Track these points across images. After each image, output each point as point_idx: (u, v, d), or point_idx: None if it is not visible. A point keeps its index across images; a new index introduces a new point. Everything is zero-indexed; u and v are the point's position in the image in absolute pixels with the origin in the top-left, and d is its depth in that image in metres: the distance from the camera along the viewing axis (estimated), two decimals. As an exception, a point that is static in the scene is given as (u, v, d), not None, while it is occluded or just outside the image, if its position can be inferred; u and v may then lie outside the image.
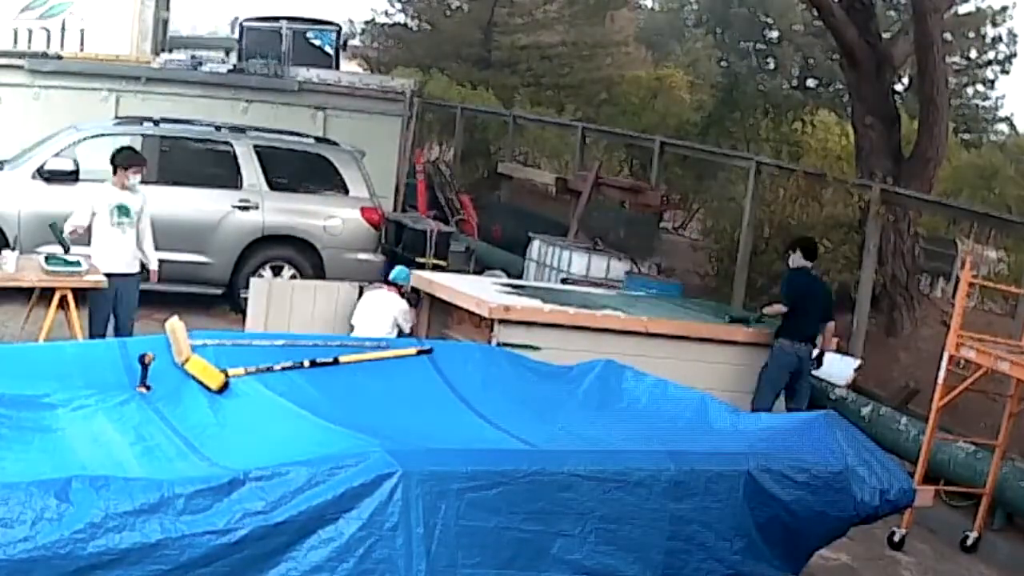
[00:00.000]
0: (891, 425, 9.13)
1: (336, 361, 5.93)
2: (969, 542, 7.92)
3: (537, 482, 4.82)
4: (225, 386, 5.46)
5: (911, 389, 10.13)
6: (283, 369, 5.70)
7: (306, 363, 5.78)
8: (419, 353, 6.24)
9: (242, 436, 5.14)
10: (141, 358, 5.51)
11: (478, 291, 8.90)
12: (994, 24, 29.93)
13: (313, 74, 14.35)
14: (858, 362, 10.35)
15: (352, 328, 9.41)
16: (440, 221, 14.04)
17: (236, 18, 20.48)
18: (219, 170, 11.53)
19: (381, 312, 9.43)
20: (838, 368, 9.96)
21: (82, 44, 15.99)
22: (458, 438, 5.37)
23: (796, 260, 9.28)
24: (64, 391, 5.30)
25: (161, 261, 9.25)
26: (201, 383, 5.49)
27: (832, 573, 6.90)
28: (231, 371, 5.56)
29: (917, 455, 8.07)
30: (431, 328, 9.32)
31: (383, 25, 29.81)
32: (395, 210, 13.97)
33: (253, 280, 10.02)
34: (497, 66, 26.44)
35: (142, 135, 11.34)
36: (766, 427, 5.99)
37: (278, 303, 9.60)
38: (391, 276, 9.82)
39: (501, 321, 8.38)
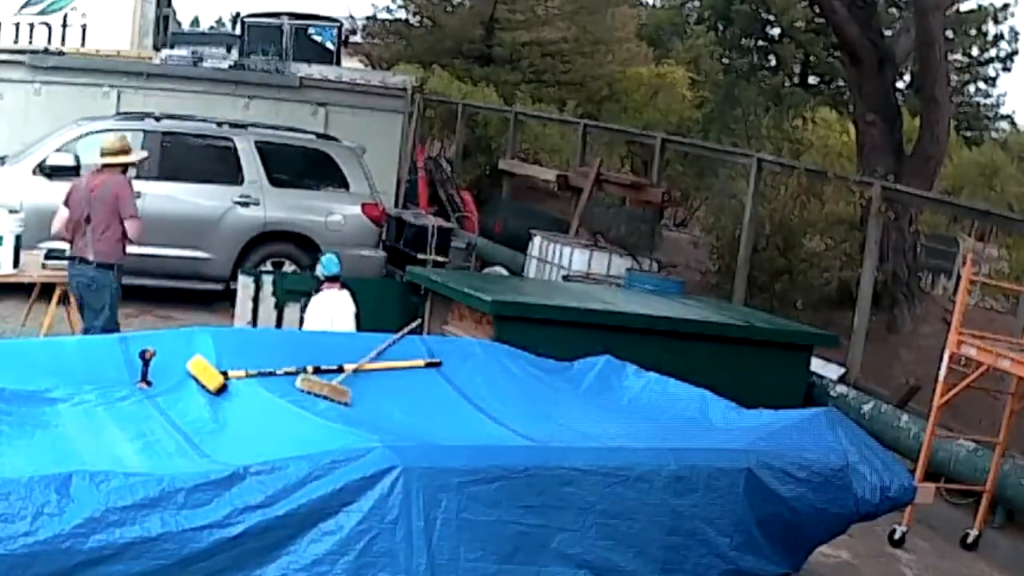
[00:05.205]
0: (892, 422, 9.12)
1: (341, 369, 5.92)
2: (970, 540, 7.92)
3: (538, 477, 4.83)
4: (223, 388, 5.46)
5: (912, 387, 10.13)
6: (285, 374, 5.71)
7: (309, 369, 5.78)
8: (428, 366, 6.23)
9: (242, 432, 5.15)
10: (142, 354, 5.50)
11: None
12: (996, 21, 29.91)
13: (314, 70, 14.34)
14: (843, 370, 10.39)
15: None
16: (441, 217, 14.04)
17: (237, 14, 20.47)
18: (220, 166, 11.53)
19: (329, 315, 8.45)
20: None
21: (83, 40, 15.99)
22: (459, 434, 5.37)
23: None
24: (65, 387, 5.30)
25: (162, 257, 9.29)
26: (200, 383, 5.50)
27: (832, 570, 6.89)
28: (232, 373, 5.56)
29: (918, 452, 8.06)
30: (431, 324, 9.31)
31: (384, 21, 29.75)
32: (396, 206, 13.97)
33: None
34: (498, 62, 26.38)
35: (143, 131, 11.34)
36: (767, 424, 5.99)
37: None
38: (321, 270, 8.70)
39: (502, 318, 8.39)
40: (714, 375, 7.22)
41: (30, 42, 15.63)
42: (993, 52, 30.88)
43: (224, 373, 5.53)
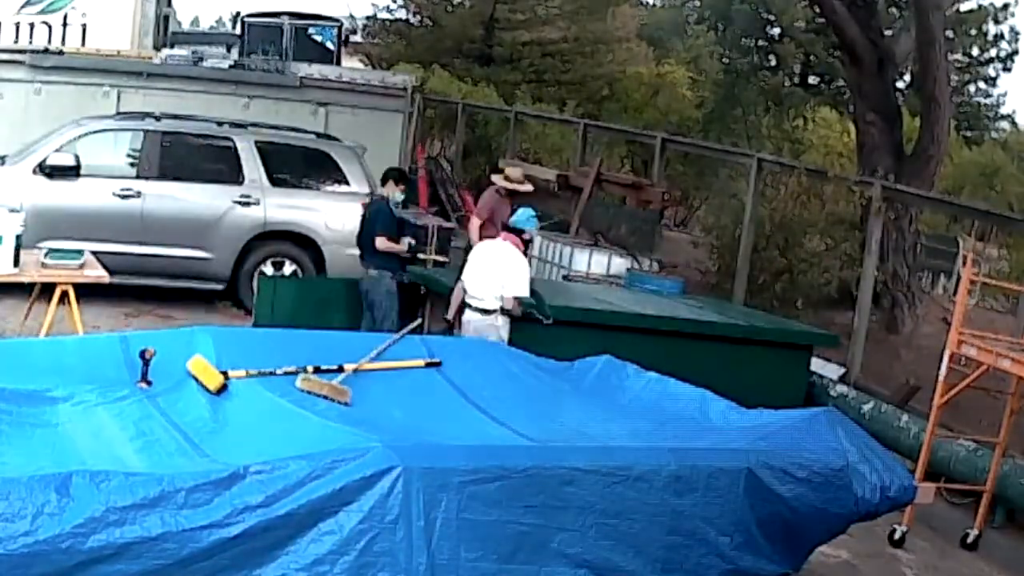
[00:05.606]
0: (892, 422, 9.12)
1: (341, 369, 5.92)
2: (970, 539, 7.91)
3: (538, 476, 4.83)
4: (223, 388, 5.47)
5: (912, 386, 10.13)
6: (285, 374, 5.71)
7: (309, 369, 5.78)
8: (428, 366, 6.24)
9: (242, 432, 5.15)
10: (142, 353, 5.51)
11: None
12: (996, 21, 29.86)
13: (314, 70, 14.34)
14: (843, 370, 10.39)
15: (461, 283, 8.31)
16: (441, 217, 14.03)
17: (237, 13, 20.49)
18: (220, 166, 11.51)
19: (491, 268, 8.18)
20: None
21: (84, 39, 15.99)
22: (459, 433, 5.37)
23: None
24: (65, 386, 5.30)
25: (162, 257, 9.31)
26: (200, 383, 5.50)
27: (832, 570, 6.89)
28: (232, 372, 5.56)
29: (918, 452, 8.06)
30: (431, 324, 9.31)
31: (384, 21, 29.77)
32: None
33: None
34: (499, 62, 26.40)
35: (144, 131, 11.34)
36: (767, 424, 5.99)
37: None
38: (511, 220, 8.38)
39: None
40: (714, 375, 7.22)
41: (30, 42, 15.63)
42: (993, 52, 30.83)
43: (224, 373, 5.53)
